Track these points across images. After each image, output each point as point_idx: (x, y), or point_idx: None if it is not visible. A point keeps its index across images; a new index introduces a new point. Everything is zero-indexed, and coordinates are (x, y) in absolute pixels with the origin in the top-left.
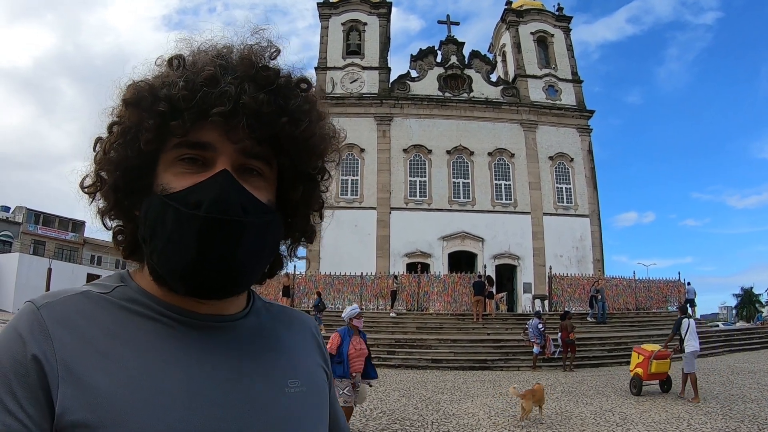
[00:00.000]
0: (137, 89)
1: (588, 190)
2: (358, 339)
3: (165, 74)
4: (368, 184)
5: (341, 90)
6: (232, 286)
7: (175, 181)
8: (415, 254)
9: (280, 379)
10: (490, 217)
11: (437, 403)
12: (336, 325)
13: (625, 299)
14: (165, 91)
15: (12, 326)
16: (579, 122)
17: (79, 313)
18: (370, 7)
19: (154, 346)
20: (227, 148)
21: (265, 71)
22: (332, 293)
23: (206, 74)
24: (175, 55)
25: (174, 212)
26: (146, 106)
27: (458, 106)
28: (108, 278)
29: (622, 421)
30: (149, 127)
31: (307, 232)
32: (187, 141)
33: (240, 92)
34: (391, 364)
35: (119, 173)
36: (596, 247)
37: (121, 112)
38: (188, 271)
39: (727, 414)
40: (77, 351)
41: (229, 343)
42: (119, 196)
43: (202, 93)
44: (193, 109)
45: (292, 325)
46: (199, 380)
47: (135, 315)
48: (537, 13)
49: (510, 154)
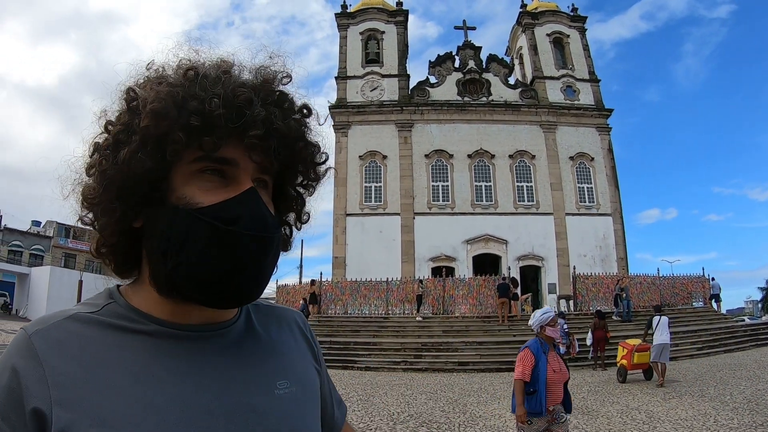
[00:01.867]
0: (163, 99)
1: (609, 188)
2: (556, 357)
3: (187, 86)
4: (391, 190)
5: (362, 98)
6: (255, 296)
7: (201, 195)
8: (439, 258)
9: (270, 382)
10: (512, 219)
11: (464, 406)
12: (336, 335)
13: (650, 297)
14: (195, 104)
15: (6, 353)
16: (598, 121)
17: (69, 337)
18: (388, 16)
19: (143, 362)
20: (249, 165)
21: (285, 98)
22: (359, 299)
23: (244, 96)
24: (190, 65)
25: (209, 227)
26: (174, 117)
27: (478, 110)
28: (97, 296)
29: (649, 419)
30: (178, 140)
31: (286, 242)
32: (214, 156)
33: (271, 117)
34: (418, 367)
35: (135, 182)
36: (619, 245)
37: (146, 120)
38: (221, 284)
39: (754, 409)
40: (69, 375)
41: (218, 351)
42: (126, 207)
43: (242, 115)
44: (227, 127)
45: (281, 324)
46: (190, 392)
47: (125, 332)
48: (552, 15)
49: (531, 156)
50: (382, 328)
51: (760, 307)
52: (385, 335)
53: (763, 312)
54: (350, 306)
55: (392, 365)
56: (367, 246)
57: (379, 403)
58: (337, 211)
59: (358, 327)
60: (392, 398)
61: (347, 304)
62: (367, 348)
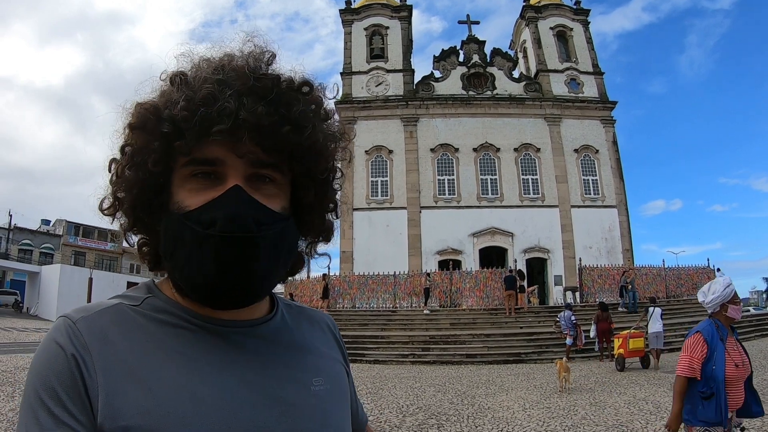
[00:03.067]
0: (141, 112)
1: (614, 180)
2: (736, 345)
3: (168, 93)
4: (398, 184)
5: (367, 94)
6: (251, 297)
7: (190, 198)
8: (446, 251)
9: (306, 379)
10: (518, 212)
11: (472, 398)
12: (345, 328)
13: (656, 288)
14: (168, 111)
15: (51, 339)
16: (602, 114)
17: (113, 326)
18: (392, 11)
19: (186, 354)
20: (236, 162)
21: (263, 80)
22: (366, 293)
23: (204, 93)
24: (177, 72)
25: (190, 232)
26: (151, 128)
27: (482, 103)
28: (136, 289)
29: (656, 410)
30: (155, 149)
31: (323, 231)
32: (196, 158)
33: (238, 107)
34: (426, 360)
35: (135, 193)
36: (625, 237)
37: (128, 135)
38: (208, 288)
39: (762, 399)
40: (115, 363)
41: (257, 347)
42: (138, 215)
43: (200, 113)
44: (194, 128)
45: (313, 324)
46: (232, 385)
47: (166, 325)
48: (555, 8)
49: (536, 149)
50: (390, 322)
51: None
52: (393, 328)
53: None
54: (358, 300)
55: (400, 358)
56: (374, 240)
57: (388, 396)
58: (343, 206)
59: (366, 320)
60: (401, 391)
61: (355, 298)
62: (375, 341)
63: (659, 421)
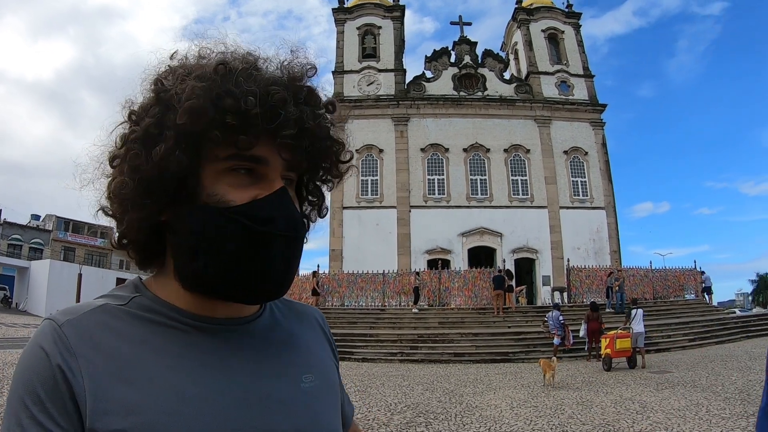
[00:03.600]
0: (199, 96)
1: (603, 182)
2: None
3: (212, 79)
4: (388, 183)
5: (358, 93)
6: (284, 291)
7: (232, 192)
8: (435, 251)
9: (296, 375)
10: (507, 212)
11: (460, 396)
12: (333, 326)
13: (643, 289)
14: (230, 102)
15: (36, 343)
16: (592, 116)
17: (100, 327)
18: (384, 11)
19: (175, 354)
20: (279, 163)
21: (313, 94)
22: (355, 291)
23: (279, 96)
24: (221, 60)
25: (242, 227)
26: (212, 115)
27: (473, 104)
28: (123, 288)
29: (642, 409)
30: (214, 138)
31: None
32: (243, 154)
33: (303, 116)
34: (414, 359)
35: (166, 179)
36: (612, 238)
37: (183, 117)
38: (252, 282)
39: (746, 399)
40: (102, 366)
41: (246, 344)
42: (154, 203)
43: (273, 113)
44: (261, 126)
45: (302, 319)
46: (221, 383)
47: (154, 324)
48: (547, 11)
49: (525, 150)
50: (379, 320)
51: (751, 300)
52: (381, 327)
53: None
54: (347, 298)
55: (389, 356)
56: (364, 239)
57: (377, 394)
58: (334, 205)
59: (355, 318)
60: (389, 389)
61: (344, 296)
62: (364, 339)
63: (645, 421)
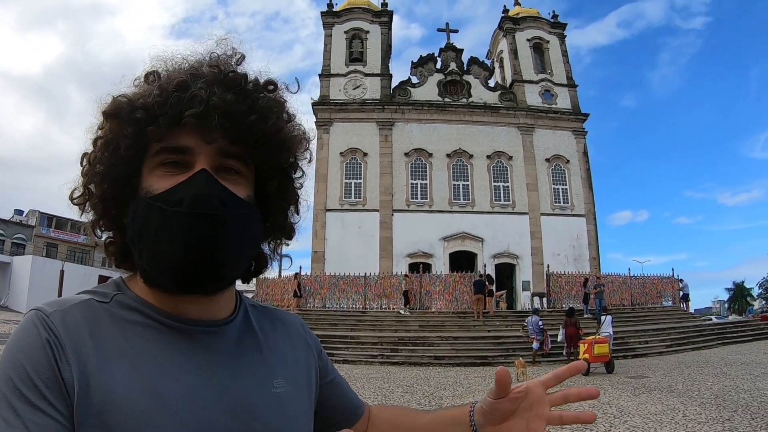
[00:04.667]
0: (116, 102)
1: (584, 190)
2: None
3: (142, 86)
4: (371, 187)
5: (344, 96)
6: (217, 279)
7: (158, 183)
8: (417, 254)
9: (267, 380)
10: (489, 217)
11: (440, 399)
12: (315, 328)
13: (621, 295)
14: (141, 101)
15: (24, 328)
16: (574, 125)
17: (85, 322)
18: (372, 16)
19: (152, 353)
20: (204, 150)
21: (232, 75)
22: (337, 293)
23: (177, 81)
24: (151, 70)
25: (158, 211)
26: (125, 116)
27: (458, 110)
28: (105, 286)
29: (620, 413)
30: (128, 134)
31: (285, 228)
32: (167, 146)
33: (210, 95)
34: (394, 361)
35: (106, 184)
36: (592, 245)
37: (102, 125)
38: (176, 266)
39: (721, 404)
40: (86, 358)
41: (220, 347)
42: (107, 206)
43: (173, 98)
44: (167, 114)
45: (277, 325)
46: (195, 387)
47: (133, 324)
48: (533, 21)
49: (508, 157)
50: (360, 322)
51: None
52: (362, 329)
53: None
54: (329, 300)
55: (369, 358)
56: (346, 241)
57: None
58: (317, 207)
59: (336, 321)
60: (369, 391)
61: (326, 298)
62: (344, 341)
63: (622, 425)
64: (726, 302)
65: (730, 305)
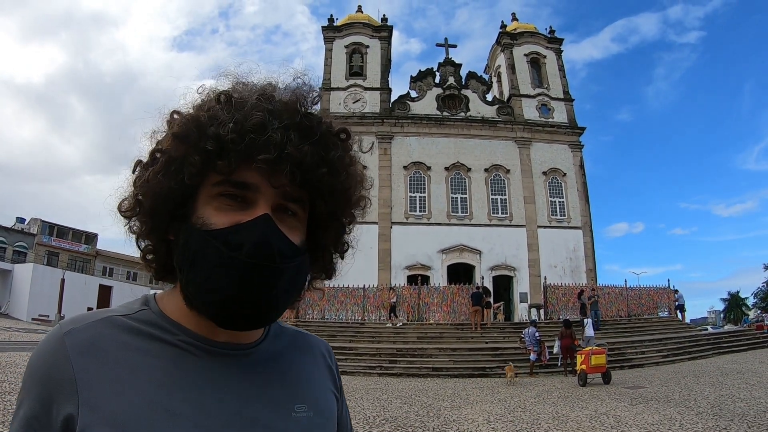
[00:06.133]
0: (186, 123)
1: (580, 203)
2: None
3: (211, 109)
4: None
5: (344, 110)
6: (262, 322)
7: (216, 216)
8: (415, 267)
9: (288, 404)
10: (487, 230)
11: (438, 410)
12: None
13: (618, 307)
14: (213, 129)
15: (39, 349)
16: (571, 139)
17: (100, 338)
18: (372, 31)
19: (169, 371)
20: (268, 191)
21: (309, 120)
22: (335, 305)
23: (255, 120)
24: (223, 91)
25: (215, 250)
26: (194, 141)
27: (456, 124)
28: (134, 301)
29: (617, 423)
30: (194, 163)
31: (327, 269)
32: (231, 180)
33: (285, 141)
34: (393, 372)
35: (160, 200)
36: (589, 257)
37: (167, 143)
38: (223, 308)
39: (718, 414)
40: (95, 376)
41: (241, 370)
42: (156, 222)
43: (249, 139)
44: (240, 151)
45: (304, 350)
46: (210, 404)
47: (154, 340)
48: (530, 36)
49: (505, 170)
50: (358, 334)
51: (722, 317)
52: (361, 340)
53: (725, 321)
54: (327, 311)
55: (368, 370)
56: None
57: (355, 407)
58: None
59: (335, 332)
60: (368, 402)
61: (324, 310)
62: (343, 353)
63: None
64: (721, 312)
65: (725, 315)
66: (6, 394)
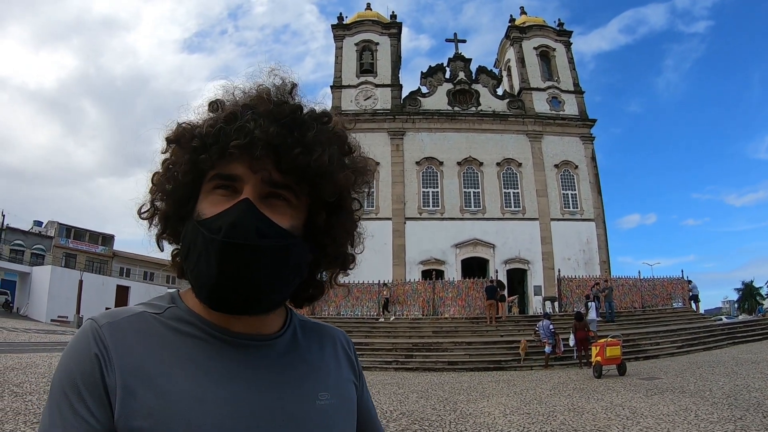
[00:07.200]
0: (179, 129)
1: (592, 195)
2: None
3: (204, 115)
4: (383, 196)
5: (356, 107)
6: (253, 304)
7: (209, 208)
8: (429, 262)
9: (312, 392)
10: (500, 224)
11: (454, 404)
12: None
13: (632, 298)
14: (198, 130)
15: (78, 339)
16: (582, 131)
17: (136, 333)
18: (382, 28)
19: (199, 363)
20: (251, 179)
21: (282, 106)
22: (351, 301)
23: (228, 112)
24: (215, 99)
25: (201, 236)
26: (184, 143)
27: (467, 119)
28: (160, 298)
29: (632, 415)
30: (185, 161)
31: (339, 259)
32: (219, 173)
33: (255, 127)
34: (409, 367)
35: (169, 203)
36: (602, 249)
37: (166, 150)
38: (211, 289)
39: (733, 404)
40: (132, 366)
41: (265, 360)
42: (170, 222)
43: (222, 130)
44: (216, 144)
45: (325, 340)
46: (239, 395)
47: (183, 335)
48: (539, 29)
49: (517, 164)
50: (374, 329)
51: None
52: (377, 336)
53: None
54: (343, 307)
55: (384, 365)
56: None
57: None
58: None
59: (351, 328)
60: (385, 397)
61: (340, 306)
62: (359, 348)
63: (635, 426)
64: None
65: (739, 305)
66: (27, 394)
